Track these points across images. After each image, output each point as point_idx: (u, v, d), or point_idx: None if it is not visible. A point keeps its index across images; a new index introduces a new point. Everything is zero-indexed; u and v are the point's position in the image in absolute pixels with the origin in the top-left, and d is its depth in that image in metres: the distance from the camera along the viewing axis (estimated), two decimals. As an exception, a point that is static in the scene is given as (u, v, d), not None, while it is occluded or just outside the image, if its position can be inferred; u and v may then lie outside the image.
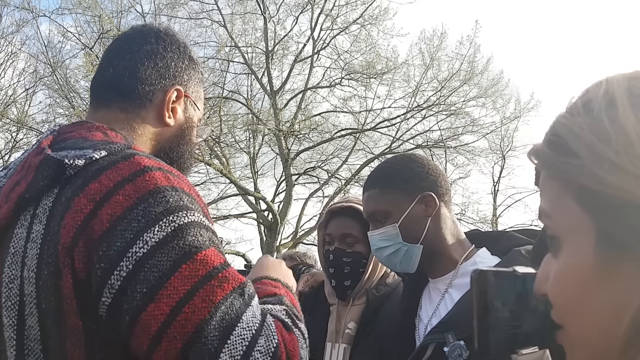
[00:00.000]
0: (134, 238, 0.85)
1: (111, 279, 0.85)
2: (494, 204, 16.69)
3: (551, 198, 0.53)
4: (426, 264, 1.46)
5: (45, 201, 0.93)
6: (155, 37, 1.14)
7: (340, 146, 15.52)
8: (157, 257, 0.85)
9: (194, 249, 0.87)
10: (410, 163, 1.49)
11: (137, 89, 1.10)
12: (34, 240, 0.91)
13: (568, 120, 0.51)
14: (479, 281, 0.54)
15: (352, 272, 1.75)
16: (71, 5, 13.73)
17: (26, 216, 0.94)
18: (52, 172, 0.92)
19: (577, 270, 0.50)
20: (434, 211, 1.44)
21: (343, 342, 1.72)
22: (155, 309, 0.83)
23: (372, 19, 15.22)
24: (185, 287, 0.84)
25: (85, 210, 0.87)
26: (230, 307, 0.86)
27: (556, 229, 0.52)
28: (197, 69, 1.20)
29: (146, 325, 0.83)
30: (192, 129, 1.18)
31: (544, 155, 0.54)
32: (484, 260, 1.41)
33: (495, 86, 15.38)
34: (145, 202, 0.87)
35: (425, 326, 1.44)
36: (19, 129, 13.99)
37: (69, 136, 1.02)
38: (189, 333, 0.83)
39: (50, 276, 0.87)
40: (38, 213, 0.92)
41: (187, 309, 0.84)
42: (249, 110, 14.52)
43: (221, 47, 14.80)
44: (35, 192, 0.93)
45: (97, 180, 0.90)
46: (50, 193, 0.93)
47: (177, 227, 0.87)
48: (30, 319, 0.89)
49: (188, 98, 1.17)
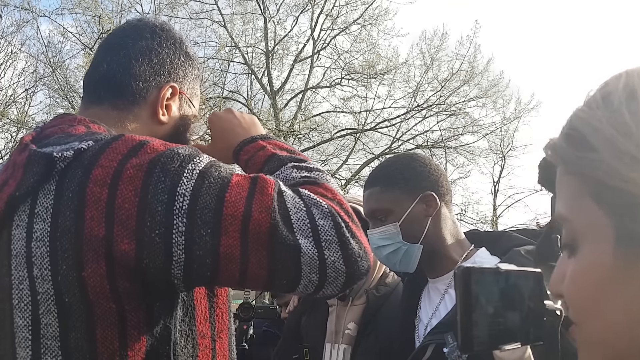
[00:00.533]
0: (170, 196, 0.87)
1: (174, 238, 0.86)
2: (494, 204, 16.71)
3: (568, 198, 0.51)
4: (426, 264, 1.46)
5: (44, 199, 0.91)
6: (150, 33, 1.12)
7: (340, 146, 15.56)
8: (201, 201, 0.87)
9: (225, 179, 0.90)
10: (412, 162, 1.49)
11: (130, 85, 1.08)
12: (39, 240, 0.89)
13: (586, 114, 0.50)
14: (462, 278, 0.54)
15: None
16: (71, 5, 13.79)
17: (22, 216, 0.92)
18: (42, 167, 0.91)
19: (595, 270, 0.48)
20: (434, 211, 1.44)
21: (343, 342, 1.72)
22: (227, 240, 0.87)
23: (372, 19, 15.26)
24: (239, 209, 0.88)
25: (103, 197, 0.87)
26: (283, 199, 0.91)
27: (573, 230, 0.51)
28: (193, 65, 1.18)
29: (228, 255, 0.87)
30: (187, 126, 1.16)
31: (560, 150, 0.52)
32: (483, 260, 1.41)
33: (496, 87, 15.41)
34: (159, 164, 0.88)
35: (425, 326, 1.44)
36: (19, 129, 13.98)
37: (51, 132, 1.00)
38: (264, 242, 0.88)
39: (69, 270, 0.87)
40: (38, 212, 0.90)
41: (252, 225, 0.88)
42: (249, 111, 14.52)
43: (221, 47, 14.83)
44: (26, 189, 0.91)
45: (98, 165, 0.89)
46: (47, 190, 0.91)
47: (200, 171, 0.90)
48: (47, 317, 0.89)
49: (183, 95, 1.15)
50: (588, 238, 0.49)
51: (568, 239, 0.52)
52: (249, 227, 0.87)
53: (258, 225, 0.88)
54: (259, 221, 0.88)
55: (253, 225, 0.87)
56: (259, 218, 0.88)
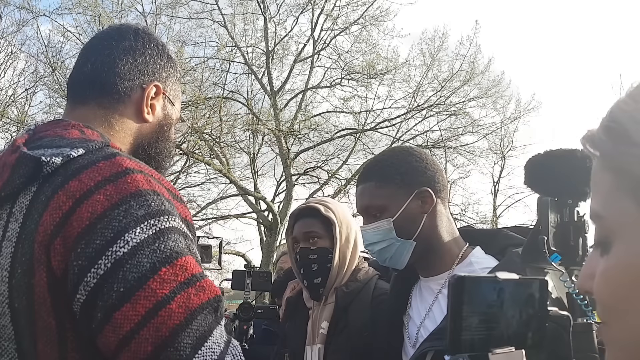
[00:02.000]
0: (115, 237, 0.84)
1: (87, 277, 0.83)
2: (494, 204, 16.69)
3: (603, 193, 0.49)
4: (419, 261, 1.42)
5: (22, 199, 0.91)
6: (133, 35, 1.14)
7: (341, 146, 15.53)
8: (137, 258, 0.84)
9: (175, 253, 0.86)
10: (408, 157, 1.44)
11: (115, 84, 1.09)
12: (9, 239, 0.89)
13: (629, 106, 0.47)
14: (455, 287, 0.55)
15: (319, 269, 1.74)
16: (71, 5, 13.76)
17: (2, 215, 0.92)
18: (29, 169, 0.91)
19: (630, 270, 0.47)
20: (430, 207, 1.39)
21: (318, 342, 1.71)
22: (130, 310, 0.82)
23: (372, 19, 15.23)
24: (164, 290, 0.83)
25: (64, 208, 0.86)
26: (204, 319, 0.85)
27: (608, 228, 0.49)
28: (175, 67, 1.19)
29: (118, 325, 0.82)
30: (170, 126, 1.18)
31: (600, 143, 0.49)
32: (479, 261, 1.37)
33: (496, 87, 15.39)
34: (127, 204, 0.87)
35: (417, 327, 1.40)
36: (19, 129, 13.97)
37: (44, 135, 1.00)
38: (162, 337, 0.81)
39: (23, 275, 0.86)
40: (14, 212, 0.91)
41: (164, 312, 0.82)
42: (249, 111, 14.50)
43: (222, 47, 14.80)
44: (12, 190, 0.92)
45: (77, 178, 0.89)
46: (27, 191, 0.92)
47: (158, 231, 0.86)
48: (3, 319, 0.88)
49: (166, 96, 1.16)
50: (624, 237, 0.47)
51: (601, 237, 0.50)
52: (158, 312, 0.82)
53: (168, 316, 0.82)
54: (171, 312, 0.83)
55: (165, 312, 0.82)
56: (175, 310, 0.83)
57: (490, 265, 1.33)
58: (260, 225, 15.04)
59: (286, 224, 2.27)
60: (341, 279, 1.75)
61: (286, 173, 15.00)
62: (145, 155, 1.11)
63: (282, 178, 15.60)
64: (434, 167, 1.44)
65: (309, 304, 1.82)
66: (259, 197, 14.84)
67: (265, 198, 14.85)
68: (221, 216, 14.86)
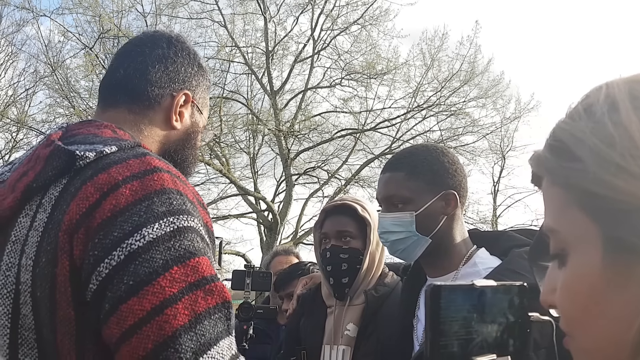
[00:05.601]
0: (132, 231, 0.85)
1: (100, 267, 0.84)
2: (494, 204, 16.70)
3: (555, 208, 0.52)
4: (429, 260, 1.44)
5: (52, 191, 0.93)
6: (167, 43, 1.16)
7: (341, 146, 15.52)
8: (151, 253, 0.84)
9: (189, 253, 0.87)
10: (442, 156, 1.45)
11: (146, 90, 1.11)
12: (36, 229, 0.91)
13: (569, 125, 0.51)
14: (432, 296, 0.55)
15: (349, 269, 1.73)
16: (71, 5, 13.76)
17: (32, 206, 0.94)
18: (62, 162, 0.93)
19: (585, 280, 0.49)
20: (452, 211, 1.42)
21: (342, 344, 1.70)
22: (136, 304, 0.82)
23: (372, 19, 15.24)
24: (172, 289, 0.83)
25: (91, 199, 0.88)
26: (212, 326, 0.84)
27: (562, 240, 0.51)
28: (205, 76, 1.22)
29: (122, 317, 0.82)
30: (197, 133, 1.20)
31: (545, 161, 0.52)
32: (483, 261, 1.40)
33: (496, 87, 15.38)
34: (150, 200, 0.88)
35: (424, 328, 1.42)
36: (19, 129, 13.99)
37: (77, 132, 1.02)
38: (164, 336, 0.81)
39: (47, 264, 0.87)
40: (44, 202, 0.93)
41: (170, 311, 0.82)
42: (249, 111, 14.52)
43: (222, 47, 14.81)
44: (43, 181, 0.94)
45: (106, 172, 0.91)
46: (58, 183, 0.93)
47: (176, 229, 0.87)
48: (25, 308, 0.89)
49: (194, 104, 1.18)
50: (577, 248, 0.50)
51: (557, 250, 0.52)
52: (164, 310, 0.82)
53: (173, 316, 0.82)
54: (177, 312, 0.82)
55: (170, 311, 0.82)
56: (181, 311, 0.83)
57: (493, 265, 1.36)
58: (260, 225, 15.03)
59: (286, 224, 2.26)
60: (367, 282, 1.76)
61: (286, 173, 15.01)
62: (171, 161, 1.12)
63: (282, 178, 15.60)
64: (462, 173, 1.47)
65: (329, 302, 1.81)
66: (258, 197, 14.84)
67: (265, 198, 14.85)
68: (221, 216, 14.85)
